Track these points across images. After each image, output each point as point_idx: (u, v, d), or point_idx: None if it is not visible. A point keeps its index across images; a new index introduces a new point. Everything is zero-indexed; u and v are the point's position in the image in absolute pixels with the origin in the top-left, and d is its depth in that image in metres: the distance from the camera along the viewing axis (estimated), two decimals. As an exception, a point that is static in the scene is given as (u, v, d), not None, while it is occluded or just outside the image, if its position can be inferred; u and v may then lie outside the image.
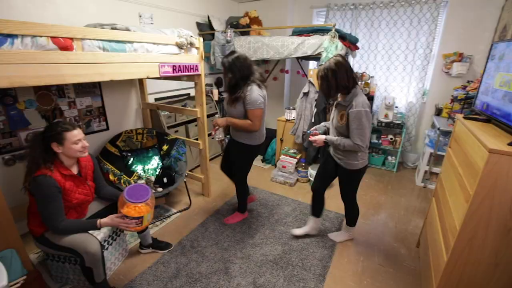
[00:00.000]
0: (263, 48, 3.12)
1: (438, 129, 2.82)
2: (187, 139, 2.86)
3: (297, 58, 3.12)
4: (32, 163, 1.38)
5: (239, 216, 2.42)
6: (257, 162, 3.72)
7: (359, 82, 3.43)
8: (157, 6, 2.92)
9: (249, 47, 3.24)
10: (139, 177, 2.38)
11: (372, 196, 2.92)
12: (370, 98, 3.32)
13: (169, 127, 2.99)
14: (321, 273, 1.86)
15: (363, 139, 1.65)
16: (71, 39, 1.45)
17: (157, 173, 2.51)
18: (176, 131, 3.08)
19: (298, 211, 2.58)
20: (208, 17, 3.53)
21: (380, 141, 3.60)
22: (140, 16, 2.78)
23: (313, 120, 2.97)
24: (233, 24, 3.61)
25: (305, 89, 3.01)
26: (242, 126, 1.98)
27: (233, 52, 1.96)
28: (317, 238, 2.20)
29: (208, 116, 3.37)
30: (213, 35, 3.46)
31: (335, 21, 3.60)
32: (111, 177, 2.22)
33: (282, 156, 3.26)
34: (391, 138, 3.48)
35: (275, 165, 3.41)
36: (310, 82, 2.97)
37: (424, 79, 3.33)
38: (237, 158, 2.19)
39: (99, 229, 1.48)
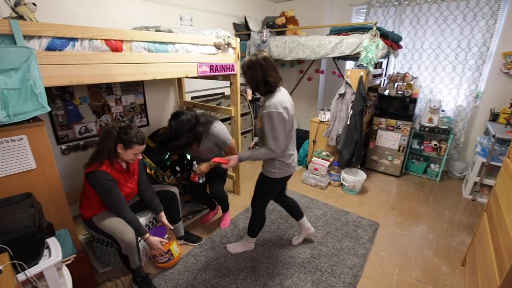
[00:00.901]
0: (298, 48, 3.08)
1: (493, 136, 2.53)
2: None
3: (334, 58, 3.03)
4: (102, 150, 1.54)
5: (227, 216, 2.42)
6: (288, 163, 3.69)
7: (401, 83, 3.22)
8: (196, 8, 3.04)
9: (284, 47, 3.21)
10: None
11: (410, 206, 2.72)
12: (413, 100, 3.09)
13: (203, 125, 3.09)
14: (351, 282, 1.78)
15: (277, 143, 1.51)
16: (121, 41, 1.58)
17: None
18: (210, 129, 3.16)
19: (329, 215, 2.50)
20: (245, 18, 3.58)
21: (422, 147, 3.33)
22: (181, 18, 2.92)
23: (348, 123, 2.85)
24: (269, 24, 3.61)
25: (341, 90, 2.90)
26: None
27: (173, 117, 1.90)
28: (348, 245, 2.11)
29: (242, 115, 3.42)
30: (249, 35, 3.50)
31: (376, 19, 3.41)
32: (148, 170, 2.36)
33: (314, 158, 3.19)
34: (435, 145, 3.21)
35: (307, 167, 3.35)
36: (346, 83, 2.85)
37: (477, 80, 3.01)
38: (221, 174, 2.26)
39: (143, 238, 1.65)
